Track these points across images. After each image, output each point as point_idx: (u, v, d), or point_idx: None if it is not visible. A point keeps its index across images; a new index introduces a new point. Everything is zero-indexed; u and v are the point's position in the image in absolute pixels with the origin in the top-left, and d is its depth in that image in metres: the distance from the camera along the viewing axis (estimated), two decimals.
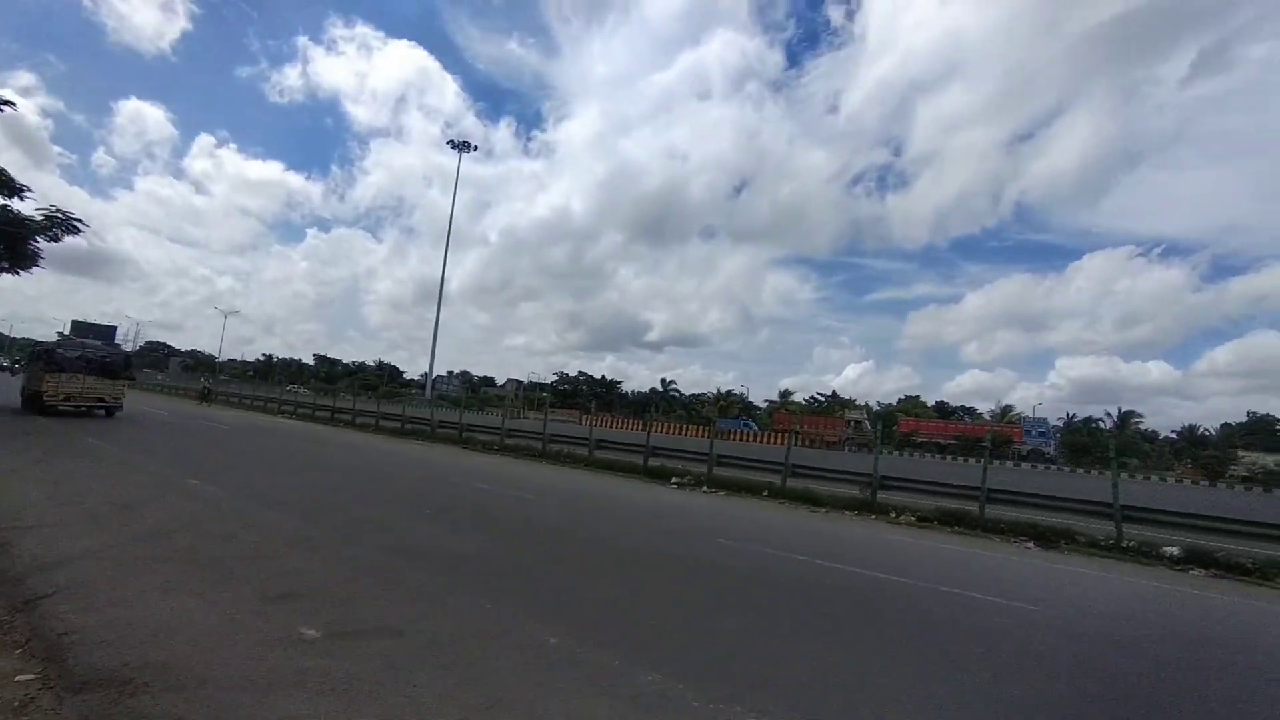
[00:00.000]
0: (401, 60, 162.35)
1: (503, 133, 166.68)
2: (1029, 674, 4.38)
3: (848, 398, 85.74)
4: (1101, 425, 72.83)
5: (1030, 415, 74.20)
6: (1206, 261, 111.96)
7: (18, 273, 20.79)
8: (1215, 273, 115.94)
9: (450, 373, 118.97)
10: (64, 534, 5.61)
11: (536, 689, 3.36)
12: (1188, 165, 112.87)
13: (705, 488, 14.78)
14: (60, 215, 20.63)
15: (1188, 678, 4.61)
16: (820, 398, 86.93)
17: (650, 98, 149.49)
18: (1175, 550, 10.13)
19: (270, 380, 52.80)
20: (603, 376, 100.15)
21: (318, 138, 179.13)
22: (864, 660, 4.31)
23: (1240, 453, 62.72)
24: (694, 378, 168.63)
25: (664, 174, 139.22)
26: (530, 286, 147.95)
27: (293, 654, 3.49)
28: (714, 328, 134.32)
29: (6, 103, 19.81)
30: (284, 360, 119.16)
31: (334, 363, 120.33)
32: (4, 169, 19.58)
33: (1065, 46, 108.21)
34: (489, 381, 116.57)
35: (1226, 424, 73.58)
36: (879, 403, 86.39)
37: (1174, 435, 74.80)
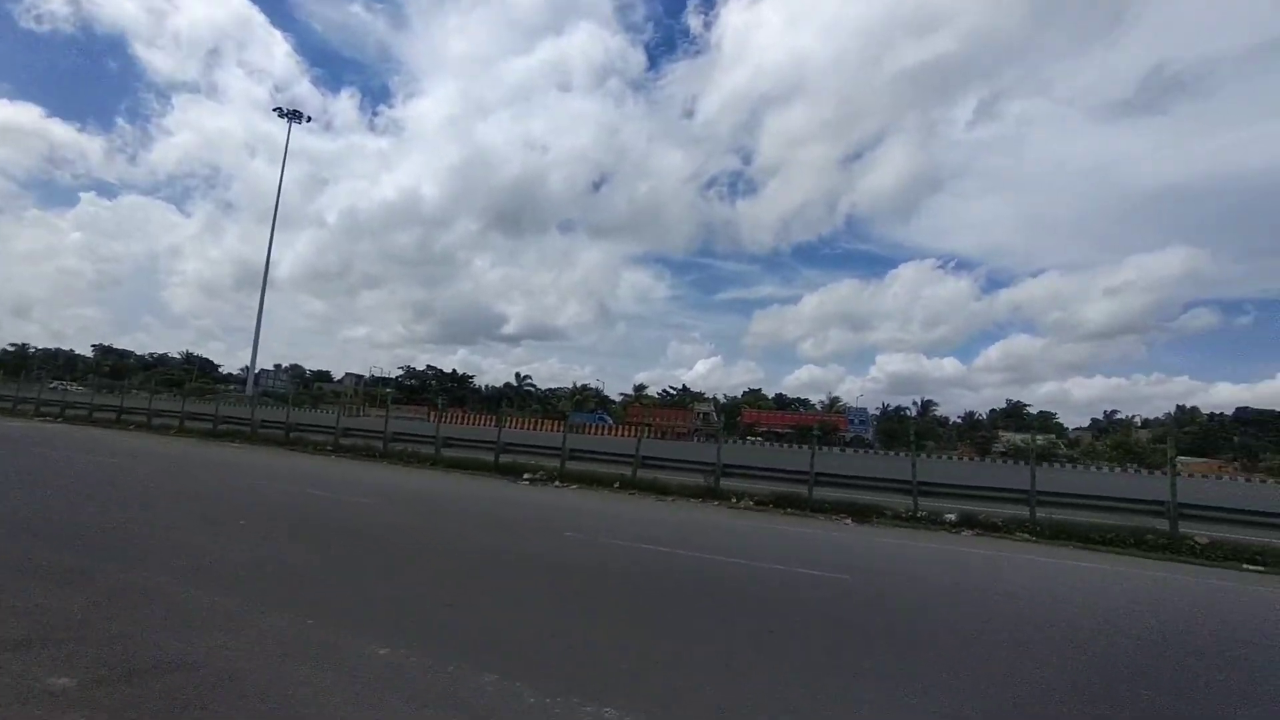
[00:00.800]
0: (213, 4, 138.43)
1: (344, 104, 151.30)
2: (842, 636, 4.93)
3: (698, 391, 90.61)
4: (908, 413, 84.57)
5: (853, 406, 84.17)
6: (984, 275, 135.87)
7: None
8: (989, 285, 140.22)
9: (278, 367, 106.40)
10: None
11: (358, 705, 3.08)
12: (970, 195, 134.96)
13: (558, 482, 14.73)
14: None
15: (961, 620, 5.47)
16: (672, 391, 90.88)
17: (509, 83, 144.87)
18: (953, 516, 12.04)
19: (23, 376, 43.05)
20: (454, 371, 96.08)
21: (95, 82, 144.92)
22: (691, 641, 4.55)
23: (1001, 433, 76.54)
24: (551, 372, 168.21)
25: (522, 163, 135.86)
26: (373, 274, 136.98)
27: (35, 711, 2.85)
28: (572, 322, 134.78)
29: None
30: (47, 351, 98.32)
31: (123, 355, 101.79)
32: None
33: (886, 81, 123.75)
34: (324, 376, 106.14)
35: (993, 410, 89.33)
36: (726, 396, 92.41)
37: (959, 420, 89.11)
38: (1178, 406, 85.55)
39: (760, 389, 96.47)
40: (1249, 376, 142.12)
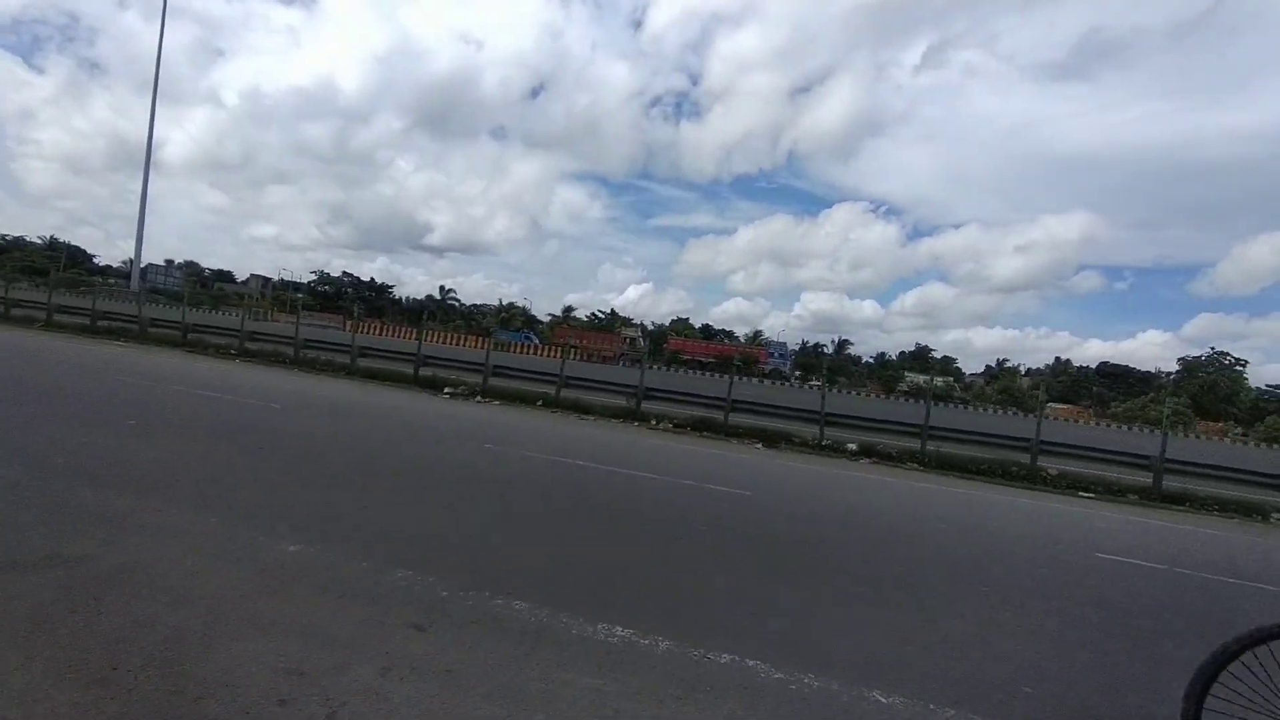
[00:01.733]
0: None
1: None
2: (737, 540, 5.38)
3: (627, 316, 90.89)
4: (825, 351, 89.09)
5: (775, 340, 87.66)
6: (910, 223, 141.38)
7: None
8: (914, 233, 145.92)
9: (170, 262, 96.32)
10: None
11: (265, 595, 3.10)
12: (907, 142, 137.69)
13: (479, 398, 14.67)
14: None
15: (835, 534, 6.09)
16: (601, 315, 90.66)
17: None
18: (854, 446, 13.07)
19: None
20: (372, 279, 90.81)
21: None
22: (598, 543, 4.86)
23: (907, 374, 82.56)
24: (477, 288, 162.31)
25: (454, 59, 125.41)
26: (282, 168, 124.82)
27: None
28: (501, 236, 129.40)
29: None
30: None
31: None
32: None
33: (841, 14, 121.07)
34: (226, 276, 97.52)
35: (903, 352, 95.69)
36: (654, 323, 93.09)
37: (871, 360, 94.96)
38: (1056, 359, 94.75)
39: (688, 318, 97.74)
40: (1115, 335, 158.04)
